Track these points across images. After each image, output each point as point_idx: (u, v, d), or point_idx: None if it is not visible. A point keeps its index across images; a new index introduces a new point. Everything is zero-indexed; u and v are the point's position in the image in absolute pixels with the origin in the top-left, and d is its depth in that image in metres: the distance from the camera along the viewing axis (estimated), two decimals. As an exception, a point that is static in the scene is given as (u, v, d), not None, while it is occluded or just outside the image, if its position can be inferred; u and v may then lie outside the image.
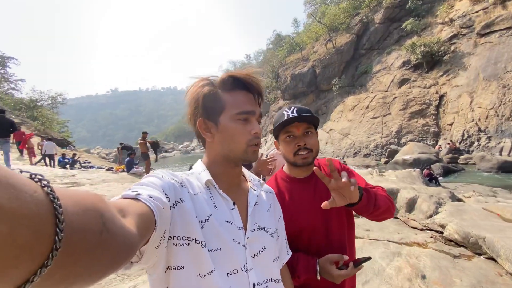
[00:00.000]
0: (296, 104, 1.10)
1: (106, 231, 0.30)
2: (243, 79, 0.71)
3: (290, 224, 1.04)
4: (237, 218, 0.69)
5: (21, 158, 12.79)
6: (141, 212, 0.42)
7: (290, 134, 1.08)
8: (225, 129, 0.70)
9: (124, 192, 0.48)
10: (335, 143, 25.27)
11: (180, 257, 0.58)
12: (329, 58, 33.05)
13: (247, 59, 67.43)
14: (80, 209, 0.28)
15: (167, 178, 0.61)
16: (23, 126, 17.28)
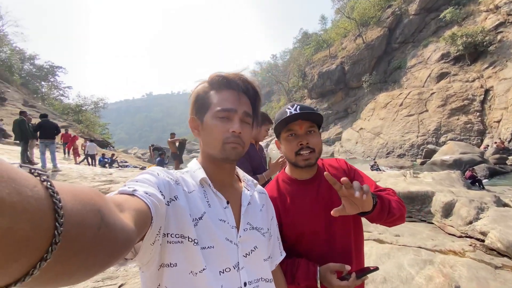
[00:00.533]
0: (300, 103, 1.06)
1: (104, 226, 0.30)
2: (229, 77, 0.71)
3: (290, 228, 1.01)
4: (231, 217, 0.69)
5: (67, 158, 14.08)
6: (138, 208, 0.43)
7: (292, 133, 1.04)
8: (206, 126, 0.71)
9: (121, 188, 0.48)
10: (366, 143, 24.17)
11: (173, 254, 0.58)
12: (359, 54, 31.72)
13: (273, 59, 67.21)
14: (79, 203, 0.28)
15: (162, 176, 0.62)
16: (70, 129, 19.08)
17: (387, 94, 25.59)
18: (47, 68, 35.57)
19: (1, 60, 28.67)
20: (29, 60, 35.16)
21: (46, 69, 35.48)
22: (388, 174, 8.22)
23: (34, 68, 35.25)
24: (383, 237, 3.83)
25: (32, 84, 33.63)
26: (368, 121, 25.80)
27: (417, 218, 5.27)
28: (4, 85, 23.55)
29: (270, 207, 0.88)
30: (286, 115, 1.02)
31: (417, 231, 3.99)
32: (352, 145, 25.93)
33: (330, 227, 1.02)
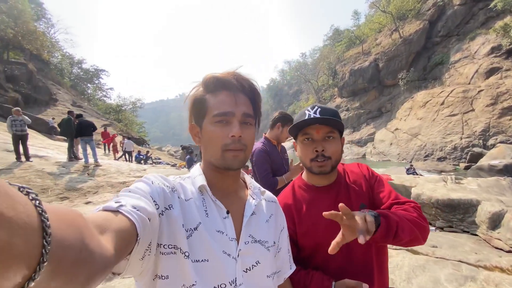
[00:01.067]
0: (324, 105, 0.98)
1: (85, 249, 0.30)
2: (223, 78, 0.66)
3: (305, 238, 0.96)
4: (230, 228, 0.64)
5: (107, 154, 15.24)
6: (120, 228, 0.41)
7: (308, 137, 0.97)
8: (204, 133, 0.67)
9: (107, 203, 0.46)
10: (402, 145, 22.75)
11: (165, 266, 0.56)
12: (395, 50, 29.95)
13: (303, 57, 66.10)
14: (63, 224, 0.28)
15: (157, 183, 0.59)
16: (110, 127, 20.63)
17: (426, 92, 23.81)
18: (93, 71, 39.01)
19: (54, 64, 31.83)
20: (77, 64, 38.70)
21: (91, 72, 38.93)
22: (425, 179, 7.63)
23: (82, 71, 38.77)
24: (417, 247, 3.58)
25: (80, 86, 37.00)
26: (405, 121, 24.24)
27: (458, 229, 4.83)
28: (56, 87, 26.20)
29: (280, 218, 0.82)
30: (305, 117, 0.95)
31: (458, 242, 3.66)
32: (386, 147, 24.56)
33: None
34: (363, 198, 0.99)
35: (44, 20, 34.94)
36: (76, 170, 7.49)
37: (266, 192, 0.80)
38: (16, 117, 7.12)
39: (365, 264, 0.94)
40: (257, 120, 0.73)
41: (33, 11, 28.21)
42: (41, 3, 34.85)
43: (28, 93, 20.42)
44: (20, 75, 20.83)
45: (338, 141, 0.99)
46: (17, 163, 6.92)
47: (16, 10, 21.46)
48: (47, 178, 6.49)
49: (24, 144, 7.23)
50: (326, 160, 0.95)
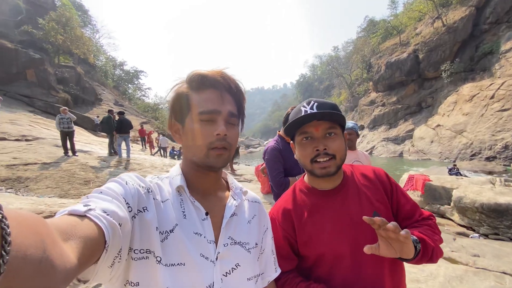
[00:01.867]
0: (321, 99, 0.89)
1: (45, 259, 0.28)
2: (209, 75, 0.64)
3: (308, 247, 0.88)
4: (208, 230, 0.62)
5: (144, 149, 16.28)
6: (86, 235, 0.38)
7: (307, 136, 0.88)
8: (188, 131, 0.65)
9: (74, 206, 0.43)
10: (444, 142, 20.95)
11: (136, 272, 0.53)
12: (437, 39, 27.46)
13: (335, 51, 63.59)
14: (24, 232, 0.26)
15: (132, 184, 0.57)
16: (148, 125, 21.97)
17: (473, 85, 21.54)
18: (133, 72, 41.92)
19: (99, 67, 34.69)
20: (119, 66, 41.92)
21: (131, 73, 41.87)
22: (469, 181, 6.93)
23: (123, 72, 41.89)
24: (456, 255, 3.27)
25: (122, 86, 39.99)
26: (448, 116, 22.24)
27: (505, 237, 4.32)
28: (101, 88, 28.56)
29: (263, 218, 0.79)
30: (301, 114, 0.86)
31: (503, 252, 3.28)
32: (426, 145, 22.80)
33: (357, 251, 0.82)
34: (376, 207, 0.89)
35: (90, 26, 38.32)
36: (114, 164, 8.11)
37: (248, 192, 0.78)
38: (64, 115, 7.90)
39: (376, 279, 0.84)
40: (241, 120, 0.72)
41: (80, 18, 31.06)
42: (86, 10, 38.11)
43: (76, 94, 22.55)
44: (70, 78, 23.05)
45: (341, 137, 0.89)
46: (65, 157, 7.68)
47: (64, 17, 23.76)
48: (89, 171, 7.12)
49: (71, 140, 8.00)
50: (330, 160, 0.85)
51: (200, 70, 0.65)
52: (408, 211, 0.92)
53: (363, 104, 38.28)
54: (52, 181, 6.08)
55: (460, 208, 5.40)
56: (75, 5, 32.98)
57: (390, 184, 0.95)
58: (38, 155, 7.57)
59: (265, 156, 2.08)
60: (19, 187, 5.72)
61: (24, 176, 6.11)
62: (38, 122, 13.56)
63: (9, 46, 19.15)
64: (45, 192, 5.63)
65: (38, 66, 19.82)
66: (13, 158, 6.96)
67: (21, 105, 17.12)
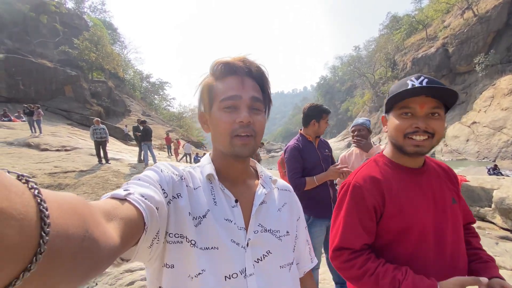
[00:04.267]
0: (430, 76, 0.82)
1: (88, 238, 0.29)
2: (230, 62, 0.63)
3: (395, 219, 0.84)
4: (239, 217, 0.62)
5: (170, 156, 16.93)
6: (127, 216, 0.41)
7: (408, 111, 0.81)
8: (212, 119, 0.65)
9: (115, 191, 0.46)
10: (481, 141, 19.43)
11: (171, 255, 0.55)
12: (469, 31, 25.83)
13: (356, 50, 61.95)
14: (65, 213, 0.28)
15: (166, 172, 0.60)
16: (173, 133, 22.90)
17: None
18: (158, 84, 44.18)
19: (127, 80, 36.94)
20: (146, 79, 44.35)
21: (157, 84, 44.15)
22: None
23: (149, 84, 44.29)
24: (499, 260, 3.03)
25: (148, 97, 42.26)
26: (485, 112, 20.62)
27: (558, 241, 3.88)
28: (130, 100, 30.28)
29: (295, 206, 0.77)
30: (407, 87, 0.80)
31: None
32: (461, 144, 21.28)
33: (439, 230, 0.83)
34: (454, 194, 0.90)
35: (119, 43, 41.14)
36: (143, 171, 8.54)
37: (278, 180, 0.77)
38: (97, 126, 8.49)
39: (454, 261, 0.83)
40: (267, 107, 0.70)
41: (110, 36, 33.41)
42: (115, 28, 40.98)
43: (108, 106, 24.13)
44: (102, 91, 24.77)
45: (444, 119, 0.83)
46: (99, 165, 8.23)
47: (96, 36, 25.83)
48: (121, 177, 7.55)
49: (104, 149, 8.57)
50: (428, 139, 0.80)
51: (221, 58, 0.65)
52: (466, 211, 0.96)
53: (389, 103, 36.75)
54: (88, 187, 6.54)
55: (502, 210, 4.97)
56: (105, 24, 35.63)
57: (457, 181, 0.95)
58: (76, 163, 8.19)
59: (285, 155, 2.09)
60: (60, 193, 6.20)
61: (64, 183, 6.63)
62: (75, 133, 14.67)
63: (49, 66, 21.14)
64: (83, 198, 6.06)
65: (75, 82, 21.63)
66: (55, 166, 7.59)
67: (61, 118, 18.70)
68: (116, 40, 39.97)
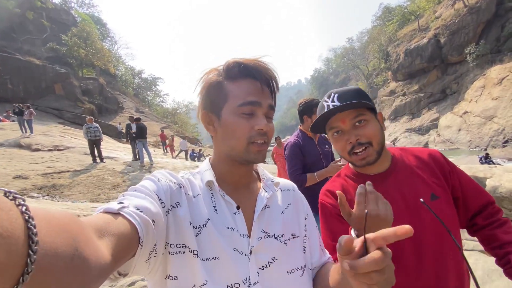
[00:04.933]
0: (342, 88, 0.86)
1: (77, 257, 0.29)
2: (249, 65, 0.61)
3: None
4: (241, 224, 0.60)
5: (165, 153, 16.81)
6: (120, 231, 0.40)
7: (337, 130, 0.84)
8: (226, 123, 0.62)
9: (109, 204, 0.45)
10: (473, 130, 19.76)
11: (174, 266, 0.54)
12: (460, 21, 25.96)
13: (349, 42, 61.75)
14: (54, 230, 0.27)
15: (164, 181, 0.58)
16: (167, 129, 22.73)
17: (502, 67, 20.13)
18: (150, 79, 43.47)
19: (119, 77, 36.30)
20: (138, 75, 43.57)
21: (149, 80, 43.43)
22: (504, 169, 6.47)
23: (142, 80, 43.54)
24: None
25: (141, 94, 41.61)
26: (476, 102, 20.93)
27: (549, 227, 4.01)
28: (122, 97, 29.83)
29: (301, 205, 0.75)
30: (324, 110, 0.82)
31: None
32: (454, 133, 21.62)
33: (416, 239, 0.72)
34: (433, 188, 0.83)
35: (109, 39, 40.25)
36: (139, 169, 8.46)
37: (281, 182, 0.74)
38: (90, 124, 8.36)
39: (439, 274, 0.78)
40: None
41: (99, 32, 32.64)
42: (105, 23, 39.97)
43: (100, 104, 23.76)
44: (93, 89, 24.32)
45: (374, 121, 0.84)
46: (93, 164, 8.13)
47: (85, 32, 25.21)
48: (117, 176, 7.47)
49: (98, 148, 8.45)
50: (367, 148, 0.81)
51: (238, 59, 0.62)
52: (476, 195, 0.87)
53: (382, 95, 36.97)
54: (83, 187, 6.46)
55: (495, 199, 5.07)
56: (94, 19, 34.70)
57: (447, 165, 0.88)
58: (70, 163, 8.07)
59: (285, 152, 2.08)
60: (54, 193, 6.13)
61: (59, 184, 6.53)
62: (67, 132, 14.42)
63: (37, 63, 20.60)
64: (78, 198, 5.99)
65: (65, 80, 21.16)
66: (48, 167, 7.47)
67: (52, 117, 18.35)
68: (106, 36, 39.02)
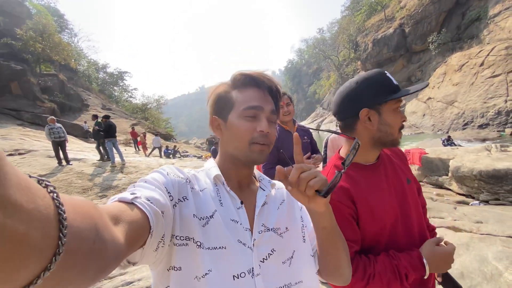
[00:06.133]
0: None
1: (98, 240, 0.31)
2: (253, 76, 0.68)
3: (370, 222, 0.86)
4: (244, 218, 0.64)
5: (137, 152, 16.06)
6: (133, 219, 0.43)
7: (399, 104, 0.90)
8: (231, 125, 0.68)
9: (122, 194, 0.47)
10: (436, 115, 21.18)
11: (178, 257, 0.56)
12: (423, 11, 27.34)
13: (320, 33, 62.71)
14: (79, 216, 0.29)
15: (172, 175, 0.61)
16: (138, 126, 21.67)
17: (462, 54, 21.62)
18: (116, 74, 40.71)
19: (81, 72, 33.75)
20: (102, 69, 40.68)
21: (115, 75, 40.67)
22: (465, 150, 7.02)
23: (107, 75, 40.70)
24: (459, 224, 3.32)
25: (107, 89, 39.00)
26: (438, 88, 22.39)
27: (506, 201, 4.41)
28: (86, 94, 27.85)
29: (293, 200, 0.78)
30: (394, 82, 0.88)
31: (506, 216, 3.33)
32: (419, 118, 23.03)
33: (405, 214, 0.91)
34: (407, 174, 0.99)
35: (67, 31, 36.96)
36: (110, 170, 7.99)
37: (276, 183, 0.80)
38: (53, 125, 7.67)
39: (421, 233, 0.93)
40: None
41: (57, 24, 29.84)
42: (62, 14, 36.63)
43: (62, 102, 21.92)
44: (53, 86, 22.36)
45: None
46: (59, 167, 7.52)
47: (41, 24, 22.80)
48: (86, 178, 7.01)
49: (63, 149, 7.82)
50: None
51: (243, 71, 0.70)
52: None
53: (353, 84, 38.23)
54: (49, 193, 5.97)
55: (458, 178, 5.48)
56: (50, 10, 31.62)
57: (406, 160, 1.04)
58: (33, 167, 7.40)
59: None
60: (15, 202, 5.58)
61: (20, 191, 5.97)
62: (28, 134, 13.21)
63: (-12, 60, 18.43)
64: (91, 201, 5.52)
65: (21, 77, 19.13)
66: (6, 174, 6.80)
67: (10, 119, 16.62)
68: (64, 28, 35.76)
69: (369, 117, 0.89)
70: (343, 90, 0.93)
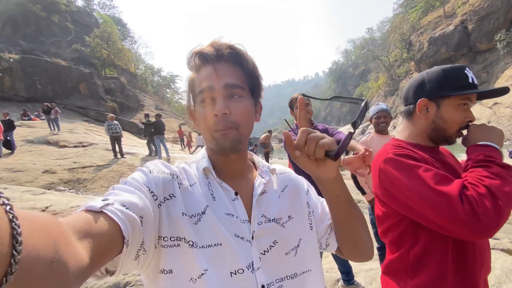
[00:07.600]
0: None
1: (57, 260, 0.28)
2: (200, 51, 0.58)
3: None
4: (240, 210, 0.59)
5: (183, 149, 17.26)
6: (102, 232, 0.38)
7: (467, 102, 0.86)
8: (196, 115, 0.62)
9: (92, 201, 0.42)
10: (504, 122, 18.48)
11: (168, 260, 0.52)
12: (489, 6, 24.13)
13: (369, 32, 59.32)
14: (36, 232, 0.26)
15: (156, 172, 0.56)
16: (186, 126, 23.27)
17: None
18: (169, 77, 44.58)
19: (139, 75, 37.50)
20: (157, 73, 44.88)
21: (168, 78, 44.57)
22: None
23: (161, 78, 44.81)
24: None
25: (161, 91, 42.80)
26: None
27: None
28: (142, 95, 30.85)
29: (298, 184, 0.73)
30: (468, 80, 0.84)
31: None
32: (481, 126, 20.32)
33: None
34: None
35: (129, 38, 41.67)
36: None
37: (276, 168, 0.73)
38: (111, 122, 8.78)
39: None
40: (255, 89, 0.63)
41: (120, 32, 33.80)
42: (125, 24, 41.36)
43: (122, 102, 24.73)
44: (115, 87, 25.34)
45: None
46: (114, 159, 8.57)
47: (106, 33, 26.19)
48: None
49: (119, 144, 8.87)
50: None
51: (193, 48, 0.60)
52: None
53: (403, 87, 35.44)
54: (105, 181, 6.84)
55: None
56: (115, 20, 36.03)
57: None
58: (93, 158, 8.55)
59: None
60: (79, 187, 6.54)
61: (83, 178, 6.96)
62: (91, 129, 15.21)
63: (63, 64, 21.80)
64: (100, 191, 6.35)
65: (89, 79, 22.25)
66: (73, 162, 7.97)
67: (78, 115, 19.41)
68: (126, 36, 40.42)
69: (428, 107, 0.89)
70: (414, 78, 0.95)
